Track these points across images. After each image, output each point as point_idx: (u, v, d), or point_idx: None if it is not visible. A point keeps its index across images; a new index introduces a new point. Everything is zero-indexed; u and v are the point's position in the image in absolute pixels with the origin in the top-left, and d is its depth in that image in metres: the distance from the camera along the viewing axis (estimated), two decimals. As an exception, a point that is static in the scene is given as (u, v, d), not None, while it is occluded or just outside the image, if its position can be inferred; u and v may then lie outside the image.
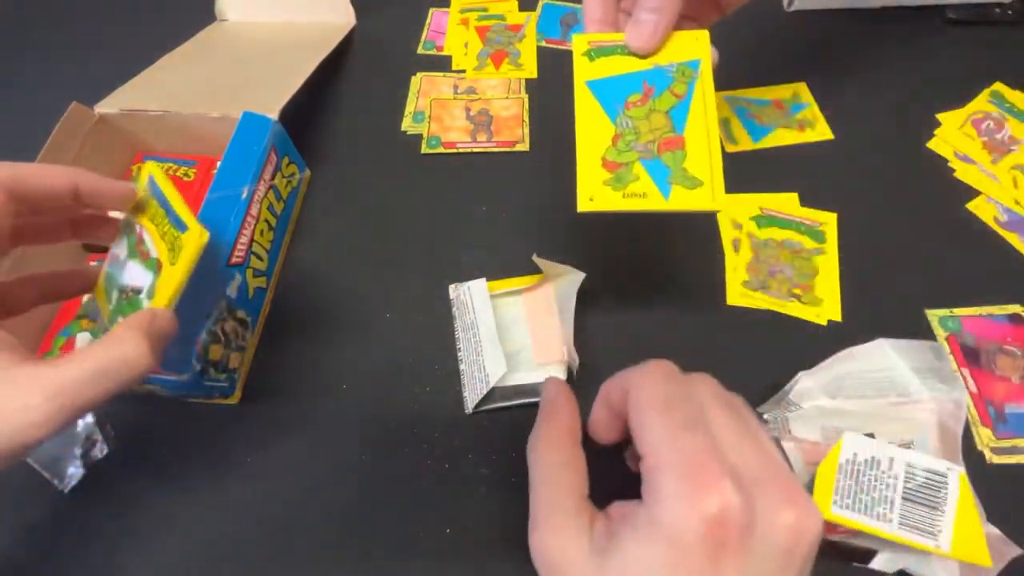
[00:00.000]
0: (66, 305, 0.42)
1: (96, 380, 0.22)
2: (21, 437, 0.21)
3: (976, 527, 0.28)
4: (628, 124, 0.28)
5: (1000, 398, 0.37)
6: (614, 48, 0.29)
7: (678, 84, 0.28)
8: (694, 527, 0.18)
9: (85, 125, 0.44)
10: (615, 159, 0.28)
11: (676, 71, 0.28)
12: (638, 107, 0.28)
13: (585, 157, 0.28)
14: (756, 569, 0.18)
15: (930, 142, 0.48)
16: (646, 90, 0.28)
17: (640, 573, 0.19)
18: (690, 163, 0.28)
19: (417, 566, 0.33)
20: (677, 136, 0.28)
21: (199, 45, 0.55)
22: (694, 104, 0.28)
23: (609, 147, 0.28)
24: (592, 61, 0.30)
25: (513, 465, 0.36)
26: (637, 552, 0.19)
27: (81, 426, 0.38)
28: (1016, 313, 0.40)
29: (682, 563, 0.18)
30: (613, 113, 0.29)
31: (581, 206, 0.28)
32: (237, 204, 0.38)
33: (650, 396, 0.21)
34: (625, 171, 0.27)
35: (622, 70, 0.29)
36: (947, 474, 0.29)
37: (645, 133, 0.28)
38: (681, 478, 0.18)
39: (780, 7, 0.59)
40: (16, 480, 0.37)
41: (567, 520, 0.21)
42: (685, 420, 0.20)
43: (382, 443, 0.37)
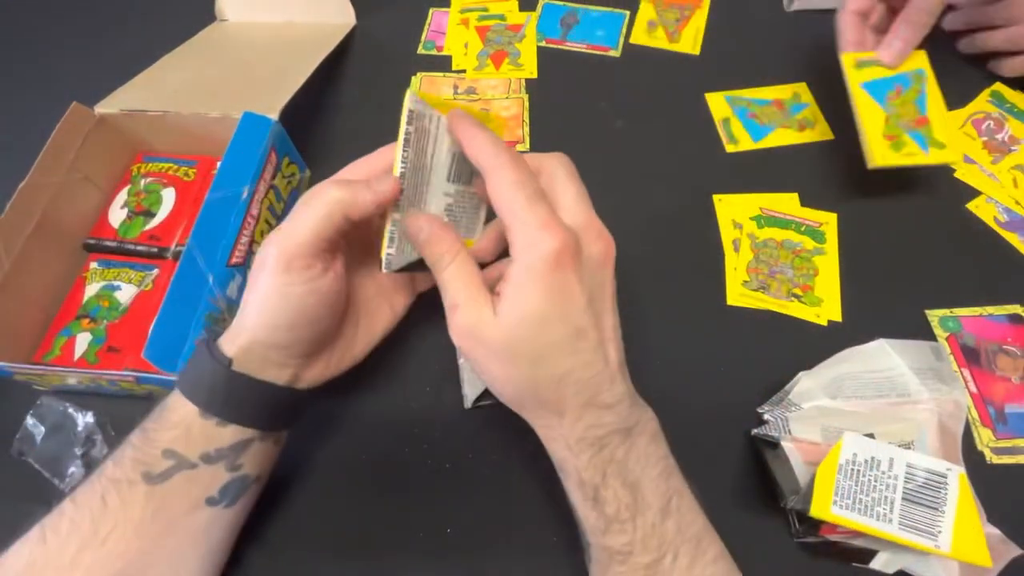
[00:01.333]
0: (66, 305, 0.42)
1: (316, 221, 0.29)
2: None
3: (976, 527, 0.28)
4: (893, 110, 0.43)
5: (1000, 398, 0.37)
6: (871, 62, 0.44)
7: (915, 84, 0.44)
8: (549, 259, 0.26)
9: (85, 125, 0.44)
10: (890, 132, 0.43)
11: (912, 76, 0.44)
12: (895, 100, 0.43)
13: (872, 132, 0.43)
14: (588, 278, 0.27)
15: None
16: (897, 88, 0.44)
17: (521, 303, 0.26)
18: (935, 132, 0.43)
19: (417, 566, 0.33)
20: (923, 116, 0.43)
21: (199, 45, 0.55)
22: (928, 96, 0.43)
23: (884, 126, 0.43)
24: (859, 70, 0.44)
25: (513, 465, 0.36)
26: (516, 293, 0.26)
27: (81, 426, 0.38)
28: (1016, 313, 0.40)
29: (544, 282, 0.26)
30: (882, 103, 0.43)
31: (878, 161, 0.42)
32: (237, 204, 0.38)
33: (504, 176, 0.27)
34: (898, 140, 0.42)
35: (879, 76, 0.44)
36: (947, 474, 0.29)
37: (904, 116, 0.43)
38: (536, 232, 0.26)
39: (780, 7, 0.59)
40: (16, 480, 0.37)
41: (477, 300, 0.28)
42: (534, 193, 0.27)
43: (382, 443, 0.37)
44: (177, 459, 0.29)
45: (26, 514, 0.29)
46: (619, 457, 0.28)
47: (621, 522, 0.27)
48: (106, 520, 0.28)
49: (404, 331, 0.41)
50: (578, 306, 0.27)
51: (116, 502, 0.28)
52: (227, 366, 0.29)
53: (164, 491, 0.28)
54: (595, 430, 0.28)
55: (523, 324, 0.26)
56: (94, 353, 0.40)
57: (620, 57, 0.56)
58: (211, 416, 0.29)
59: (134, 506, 0.28)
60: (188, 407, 0.29)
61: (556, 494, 0.35)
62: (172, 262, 0.43)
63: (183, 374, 0.30)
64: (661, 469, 0.29)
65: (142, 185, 0.46)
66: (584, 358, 0.27)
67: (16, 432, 0.38)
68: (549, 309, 0.26)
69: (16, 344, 0.39)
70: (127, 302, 0.42)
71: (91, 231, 0.45)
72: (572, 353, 0.27)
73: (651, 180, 0.48)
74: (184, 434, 0.29)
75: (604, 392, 0.28)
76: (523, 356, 0.27)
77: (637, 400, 0.30)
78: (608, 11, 0.59)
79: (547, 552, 0.34)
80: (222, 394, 0.29)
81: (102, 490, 0.28)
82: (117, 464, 0.29)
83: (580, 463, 0.28)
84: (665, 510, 0.28)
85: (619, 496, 0.28)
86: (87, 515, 0.28)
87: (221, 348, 0.30)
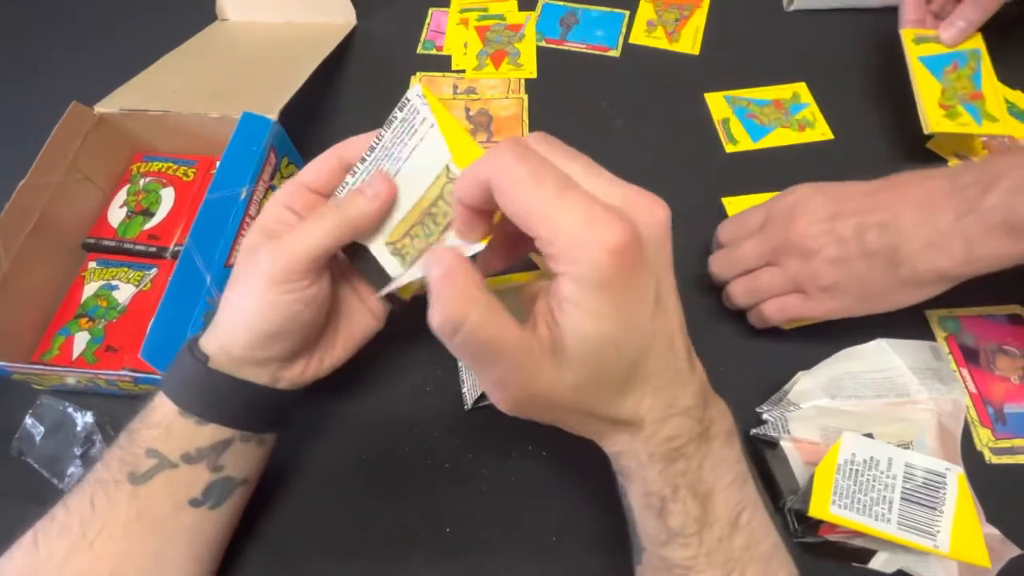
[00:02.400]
0: (64, 304, 0.42)
1: (319, 236, 0.28)
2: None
3: (975, 527, 0.28)
4: (949, 84, 0.46)
5: (999, 398, 0.37)
6: (930, 38, 0.47)
7: (971, 61, 0.47)
8: (606, 262, 0.20)
9: (85, 125, 0.44)
10: (946, 103, 0.45)
11: (969, 54, 0.47)
12: (951, 74, 0.46)
13: (928, 102, 0.45)
14: (654, 262, 0.22)
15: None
16: (954, 64, 0.46)
17: (587, 330, 0.21)
18: (989, 107, 0.45)
19: (417, 566, 0.33)
20: (978, 91, 0.46)
21: (199, 45, 0.55)
22: (983, 73, 0.46)
23: (940, 97, 0.45)
24: (918, 45, 0.47)
25: (513, 465, 0.36)
26: (577, 318, 0.21)
27: (81, 426, 0.38)
28: (1015, 313, 0.40)
29: (612, 293, 0.21)
30: (939, 76, 0.46)
31: (933, 128, 0.44)
32: (236, 204, 0.38)
33: (512, 176, 0.21)
34: (953, 110, 0.45)
35: (936, 52, 0.46)
36: (946, 474, 0.29)
37: (959, 89, 0.45)
38: (579, 232, 0.20)
39: (780, 7, 0.59)
40: (16, 480, 0.37)
41: (524, 356, 0.22)
42: (556, 184, 0.21)
43: (382, 443, 0.37)
44: (159, 458, 0.28)
45: (26, 514, 0.29)
46: (693, 467, 0.24)
47: (686, 536, 0.24)
48: (94, 522, 0.27)
49: (404, 331, 0.41)
50: (648, 306, 0.22)
51: (103, 503, 0.28)
52: (204, 363, 0.29)
53: (147, 491, 0.28)
54: (672, 442, 0.24)
55: (594, 357, 0.22)
56: (92, 353, 0.40)
57: (620, 57, 0.56)
58: (190, 415, 0.29)
59: (119, 507, 0.28)
60: (168, 405, 0.29)
61: (556, 494, 0.35)
62: (171, 262, 0.43)
63: (167, 372, 0.30)
64: (734, 476, 0.25)
65: (141, 185, 0.46)
66: (659, 364, 0.23)
67: (15, 432, 0.38)
68: (622, 325, 0.22)
69: (15, 343, 0.39)
70: (125, 302, 0.42)
71: (90, 231, 0.45)
72: (646, 363, 0.23)
73: (651, 180, 0.47)
74: (165, 433, 0.29)
75: (680, 395, 0.24)
76: (596, 390, 0.23)
77: (709, 391, 0.26)
78: (608, 11, 0.59)
79: (547, 552, 0.34)
80: (199, 392, 0.29)
81: (91, 492, 0.28)
82: (105, 465, 0.29)
83: (650, 475, 0.25)
84: (735, 524, 0.25)
85: (688, 509, 0.24)
86: (76, 519, 0.28)
87: (200, 346, 0.29)
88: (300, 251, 0.28)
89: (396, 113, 0.28)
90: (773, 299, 0.37)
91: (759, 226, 0.38)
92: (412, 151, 0.28)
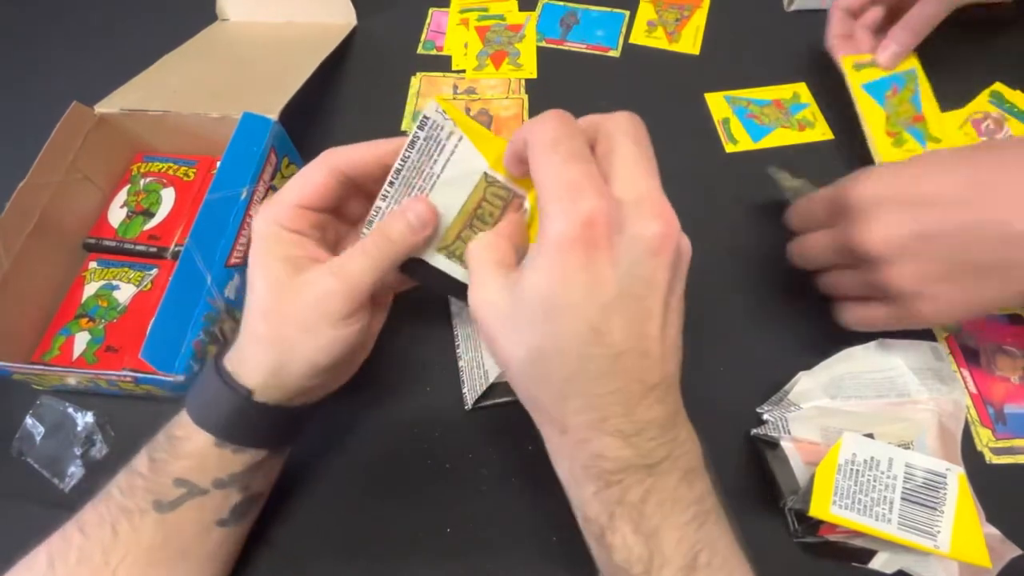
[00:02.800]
0: (65, 304, 0.42)
1: (374, 267, 0.27)
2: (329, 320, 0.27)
3: (975, 528, 0.28)
4: (892, 109, 0.45)
5: (999, 398, 0.37)
6: (868, 63, 0.46)
7: (909, 83, 0.46)
8: (568, 231, 0.21)
9: (85, 125, 0.44)
10: (891, 129, 0.45)
11: (906, 76, 0.46)
12: (892, 99, 0.46)
13: (875, 132, 0.45)
14: (627, 267, 0.22)
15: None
16: (893, 87, 0.46)
17: (535, 285, 0.22)
18: (931, 128, 0.45)
19: (417, 566, 0.33)
20: (919, 114, 0.46)
21: (199, 45, 0.55)
22: (922, 93, 0.46)
23: (885, 124, 0.45)
24: (858, 71, 0.46)
25: (513, 464, 0.36)
26: (533, 274, 0.23)
27: (81, 426, 0.38)
28: (1016, 313, 0.40)
29: (563, 264, 0.22)
30: (881, 103, 0.46)
31: (884, 159, 0.44)
32: (236, 205, 0.38)
33: (540, 138, 0.23)
34: (899, 137, 0.45)
35: (876, 76, 0.46)
36: (946, 474, 0.29)
37: (902, 114, 0.45)
38: (559, 199, 0.22)
39: (780, 7, 0.58)
40: (16, 479, 0.37)
41: (493, 279, 0.25)
42: (569, 154, 0.22)
43: (382, 443, 0.37)
44: (189, 487, 0.28)
45: (26, 514, 0.29)
46: (632, 499, 0.23)
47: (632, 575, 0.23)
48: (117, 549, 0.27)
49: (404, 332, 0.41)
50: (599, 300, 0.22)
51: (127, 530, 0.28)
52: (247, 397, 0.28)
53: (175, 518, 0.28)
54: (601, 462, 0.23)
55: (528, 300, 0.23)
56: (93, 353, 0.40)
57: (620, 57, 0.56)
58: (227, 444, 0.29)
59: (144, 534, 0.28)
60: (202, 436, 0.28)
61: (556, 494, 0.35)
62: (171, 262, 0.43)
63: (194, 400, 0.29)
64: (691, 515, 0.24)
65: (142, 185, 0.46)
66: (596, 367, 0.22)
67: (15, 432, 0.38)
68: (559, 295, 0.22)
69: (15, 344, 0.39)
70: (126, 302, 0.42)
71: (91, 231, 0.45)
72: (579, 357, 0.22)
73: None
74: (199, 464, 0.28)
75: (617, 418, 0.23)
76: (525, 334, 0.23)
77: (675, 428, 0.24)
78: (608, 11, 0.59)
79: (547, 552, 0.34)
80: (241, 424, 0.29)
81: (112, 519, 0.28)
82: (127, 493, 0.28)
83: (583, 495, 0.24)
84: (691, 566, 0.23)
85: (629, 545, 0.23)
86: (97, 545, 0.27)
87: (237, 376, 0.28)
88: (362, 288, 0.27)
89: (417, 132, 0.27)
90: (854, 307, 0.34)
91: (826, 217, 0.34)
92: (444, 165, 0.28)
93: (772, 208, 0.46)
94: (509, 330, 0.24)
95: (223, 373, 0.29)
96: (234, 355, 0.29)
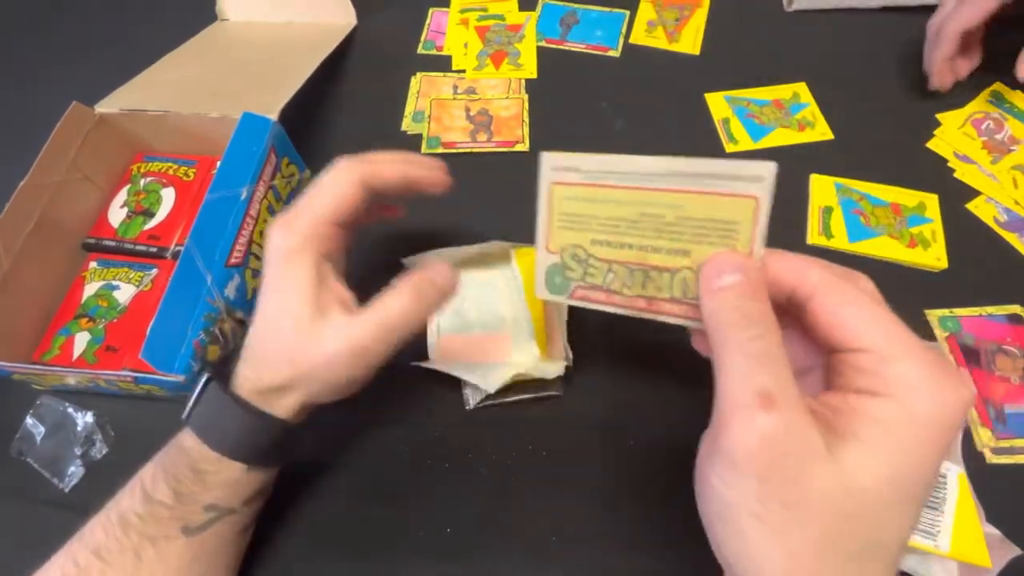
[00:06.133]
0: (65, 304, 0.42)
1: (382, 335, 0.27)
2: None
3: (975, 527, 0.28)
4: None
5: (1000, 398, 0.37)
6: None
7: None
8: (952, 412, 0.19)
9: (85, 125, 0.44)
10: None
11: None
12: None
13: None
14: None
15: (930, 142, 0.48)
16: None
17: (887, 459, 0.19)
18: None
19: (417, 566, 0.33)
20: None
21: (199, 45, 0.55)
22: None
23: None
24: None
25: (513, 465, 0.36)
26: (884, 441, 0.19)
27: (81, 426, 0.38)
28: (1016, 313, 0.40)
29: (934, 443, 0.19)
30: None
31: None
32: (236, 205, 0.38)
33: (861, 293, 0.21)
34: None
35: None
36: (946, 474, 0.29)
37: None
38: (932, 370, 0.19)
39: (780, 7, 0.59)
40: (16, 480, 0.37)
41: (802, 410, 0.19)
42: (891, 314, 0.20)
43: (382, 443, 0.37)
44: (219, 511, 0.29)
45: (26, 514, 0.29)
46: None
47: None
48: (140, 573, 0.27)
49: (404, 331, 0.41)
50: (930, 479, 0.20)
51: (152, 556, 0.27)
52: (283, 428, 0.29)
53: (203, 538, 0.28)
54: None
55: (875, 488, 0.18)
56: (92, 353, 0.40)
57: (620, 57, 0.56)
58: (259, 468, 0.30)
59: (172, 557, 0.28)
60: (236, 467, 0.29)
61: (556, 494, 0.35)
62: (171, 262, 0.43)
63: (222, 436, 0.29)
64: None
65: (142, 185, 0.46)
66: (909, 528, 0.20)
67: (16, 432, 0.38)
68: (917, 479, 0.19)
69: (15, 343, 0.39)
70: (126, 302, 0.42)
71: (91, 231, 0.45)
72: (905, 529, 0.20)
73: (651, 180, 0.48)
74: (232, 491, 0.29)
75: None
76: (850, 534, 0.19)
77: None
78: (608, 11, 0.59)
79: (547, 552, 0.34)
80: (277, 449, 0.30)
81: (134, 546, 0.27)
82: (150, 522, 0.28)
83: None
84: None
85: None
86: (120, 572, 0.27)
87: (267, 408, 0.29)
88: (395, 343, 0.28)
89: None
90: None
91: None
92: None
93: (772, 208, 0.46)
94: (820, 528, 0.19)
95: (250, 408, 0.29)
96: (253, 386, 0.29)
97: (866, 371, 0.20)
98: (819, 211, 0.45)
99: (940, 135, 0.49)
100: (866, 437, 0.19)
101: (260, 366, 0.29)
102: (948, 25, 0.46)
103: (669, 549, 0.32)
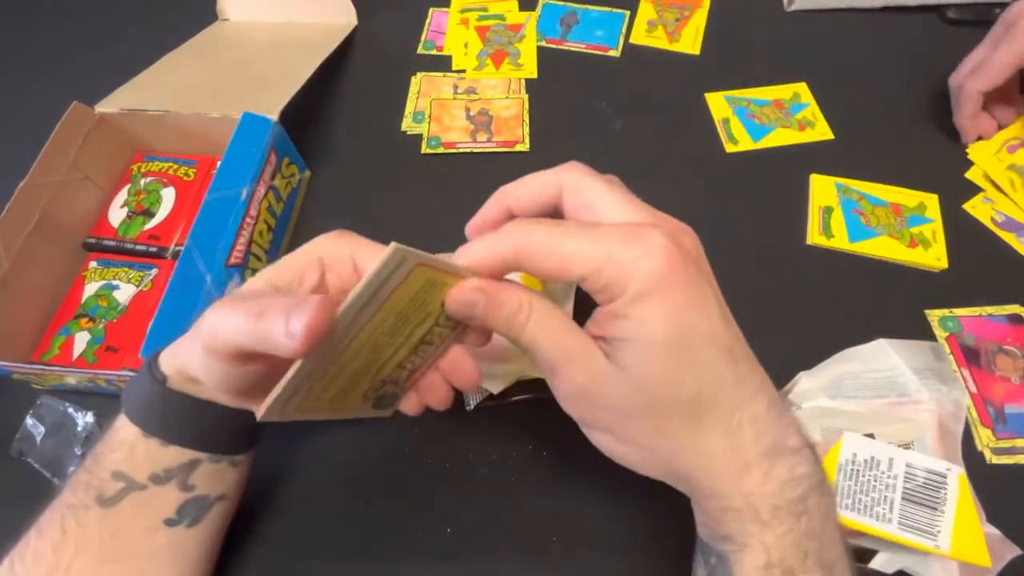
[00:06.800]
0: (65, 304, 0.42)
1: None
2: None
3: (975, 527, 0.28)
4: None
5: (1000, 398, 0.37)
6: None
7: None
8: (660, 260, 0.20)
9: (85, 125, 0.44)
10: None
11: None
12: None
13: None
14: (708, 273, 0.23)
15: (968, 173, 0.47)
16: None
17: (648, 334, 0.20)
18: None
19: (417, 566, 0.33)
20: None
21: (199, 45, 0.55)
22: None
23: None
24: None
25: (513, 465, 0.36)
26: (637, 324, 0.21)
27: (81, 426, 0.38)
28: (1016, 313, 0.40)
29: (669, 293, 0.20)
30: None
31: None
32: (236, 205, 0.38)
33: (540, 239, 0.22)
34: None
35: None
36: (947, 474, 0.29)
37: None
38: (623, 252, 0.21)
39: (780, 7, 0.59)
40: (16, 479, 0.37)
41: (581, 351, 0.22)
42: (580, 227, 0.22)
43: (382, 443, 0.37)
44: (126, 481, 0.27)
45: (26, 514, 0.29)
46: (817, 528, 0.21)
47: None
48: (67, 547, 0.27)
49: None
50: (717, 316, 0.21)
51: (74, 527, 0.27)
52: (162, 383, 0.27)
53: (118, 514, 0.27)
54: (792, 488, 0.21)
55: (659, 361, 0.20)
56: (92, 352, 0.40)
57: (620, 57, 0.56)
58: (151, 436, 0.27)
59: (91, 530, 0.27)
60: (131, 427, 0.27)
61: (556, 494, 0.35)
62: (171, 262, 0.43)
63: (126, 392, 0.28)
64: (840, 533, 0.22)
65: (142, 185, 0.46)
66: (750, 386, 0.21)
67: (16, 432, 0.38)
68: (688, 329, 0.20)
69: (15, 343, 0.39)
70: (126, 301, 0.42)
71: (91, 230, 0.45)
72: (734, 384, 0.21)
73: (651, 180, 0.47)
74: (129, 455, 0.27)
75: (790, 431, 0.21)
76: (671, 405, 0.21)
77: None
78: (608, 11, 0.59)
79: (547, 552, 0.34)
80: (158, 413, 0.27)
81: (60, 517, 0.27)
82: (72, 489, 0.28)
83: (770, 539, 0.21)
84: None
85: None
86: (48, 544, 0.27)
87: (160, 364, 0.27)
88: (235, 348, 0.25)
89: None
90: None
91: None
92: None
93: (772, 208, 0.46)
94: (644, 415, 0.21)
95: (151, 360, 0.28)
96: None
97: (595, 283, 0.22)
98: (819, 211, 0.45)
99: (974, 157, 0.47)
100: (617, 333, 0.21)
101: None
102: (966, 86, 0.45)
103: (669, 550, 0.32)
